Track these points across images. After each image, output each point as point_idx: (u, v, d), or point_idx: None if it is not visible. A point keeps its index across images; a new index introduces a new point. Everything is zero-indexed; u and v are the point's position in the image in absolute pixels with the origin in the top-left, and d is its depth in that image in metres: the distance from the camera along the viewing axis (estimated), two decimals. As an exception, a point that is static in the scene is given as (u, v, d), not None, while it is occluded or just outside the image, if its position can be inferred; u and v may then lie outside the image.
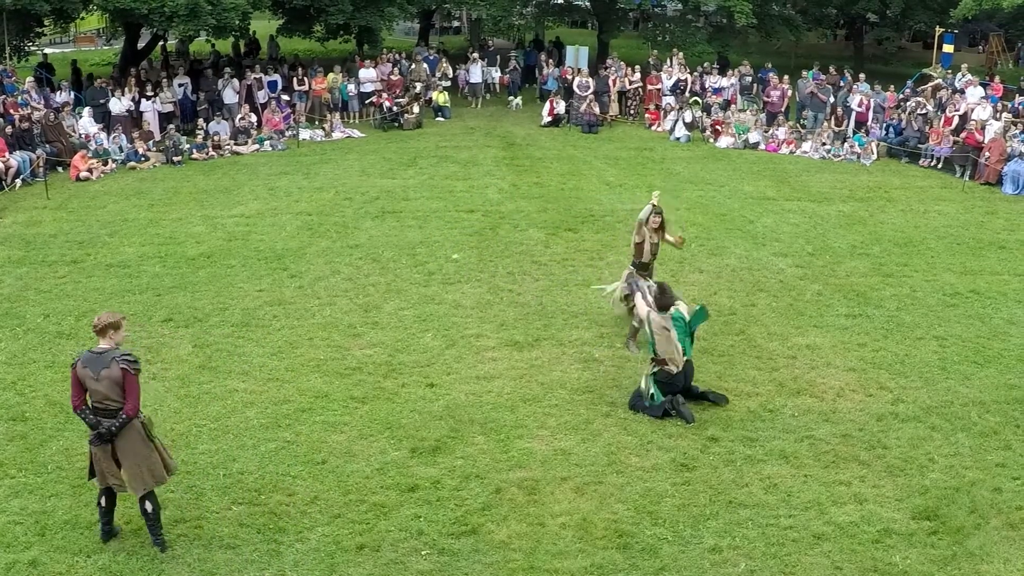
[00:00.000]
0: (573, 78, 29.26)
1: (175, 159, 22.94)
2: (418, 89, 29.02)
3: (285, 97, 27.35)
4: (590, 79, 28.89)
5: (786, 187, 21.44)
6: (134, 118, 24.80)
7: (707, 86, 29.18)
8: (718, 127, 26.64)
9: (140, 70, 28.24)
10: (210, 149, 23.87)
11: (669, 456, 9.72)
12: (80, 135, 23.13)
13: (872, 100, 26.41)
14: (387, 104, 28.00)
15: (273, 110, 26.23)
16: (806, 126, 26.93)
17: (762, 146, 25.77)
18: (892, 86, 27.45)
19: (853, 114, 26.41)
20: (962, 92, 26.11)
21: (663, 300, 10.82)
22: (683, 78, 29.18)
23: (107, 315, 7.99)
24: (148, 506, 8.06)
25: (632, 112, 29.67)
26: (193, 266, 15.34)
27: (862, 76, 28.35)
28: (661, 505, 8.87)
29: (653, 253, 12.71)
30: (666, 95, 28.93)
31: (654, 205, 12.55)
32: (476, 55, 31.84)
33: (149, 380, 11.25)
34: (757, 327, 13.13)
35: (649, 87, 29.57)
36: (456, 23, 52.10)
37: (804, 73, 28.63)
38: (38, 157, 21.09)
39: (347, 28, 30.79)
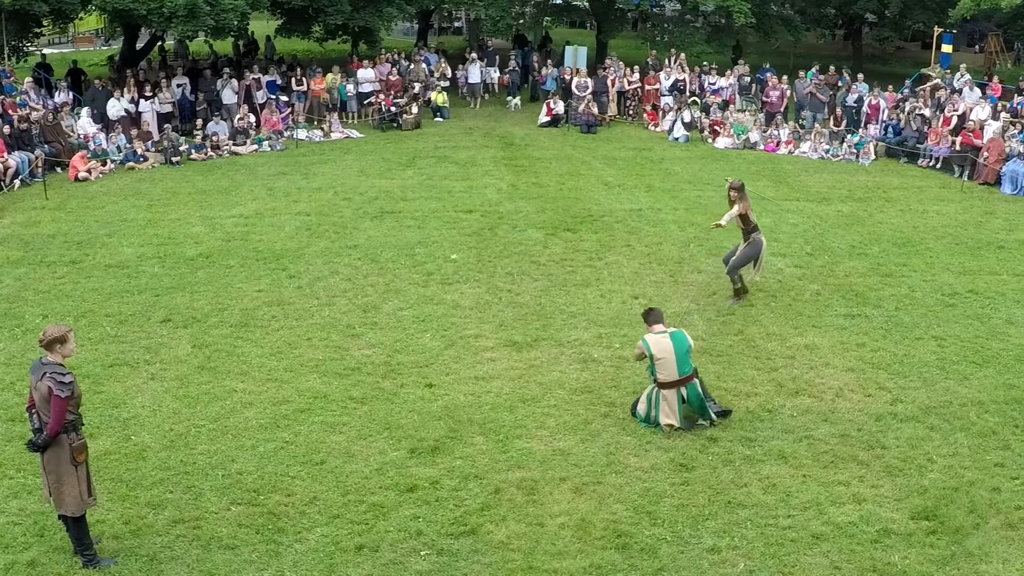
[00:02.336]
0: (571, 78, 29.27)
1: (174, 159, 22.94)
2: (417, 89, 29.04)
3: (284, 97, 27.35)
4: (588, 79, 28.90)
5: (785, 187, 21.45)
6: (132, 119, 24.80)
7: (705, 86, 29.21)
8: (717, 127, 26.65)
9: (139, 70, 28.24)
10: (209, 149, 23.87)
11: (668, 456, 9.73)
12: (79, 135, 23.13)
13: (879, 99, 26.40)
14: (386, 104, 28.00)
15: (272, 110, 26.23)
16: (804, 126, 26.95)
17: (760, 146, 25.78)
18: (891, 86, 27.47)
19: (864, 113, 26.41)
20: (960, 92, 26.15)
21: (651, 317, 10.56)
22: (681, 78, 29.19)
23: (52, 328, 7.75)
24: (69, 527, 7.91)
25: (631, 112, 29.68)
26: (192, 266, 15.34)
27: (860, 76, 28.39)
28: (660, 505, 8.87)
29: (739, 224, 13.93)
30: (664, 95, 28.95)
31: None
32: (475, 55, 31.85)
33: (148, 380, 11.28)
34: (756, 327, 13.14)
35: (647, 87, 29.59)
36: (457, 23, 52.11)
37: (801, 73, 28.63)
38: (37, 157, 21.09)
39: (346, 28, 30.79)
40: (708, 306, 13.87)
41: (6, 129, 21.32)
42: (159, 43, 33.83)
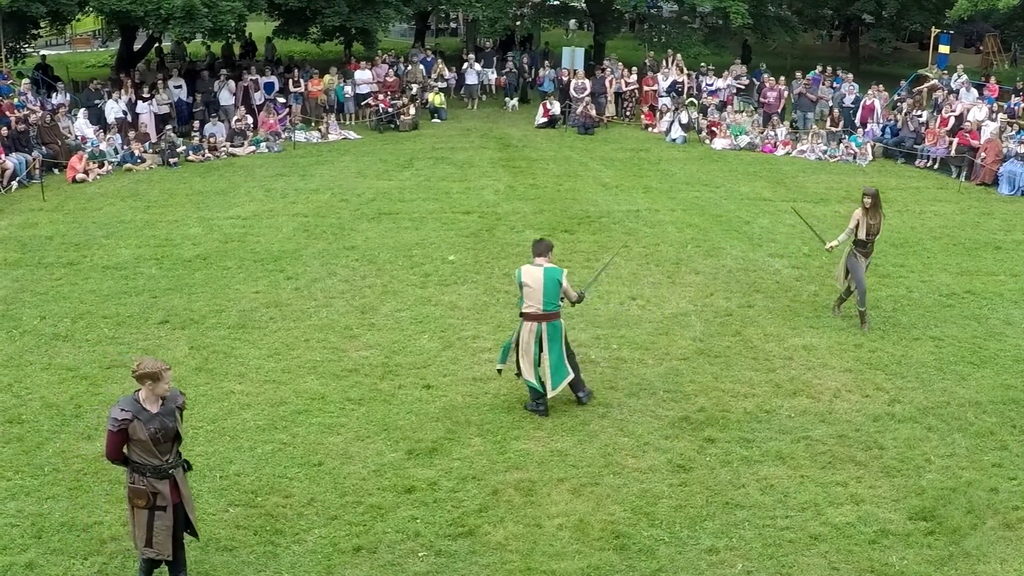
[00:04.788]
0: (569, 80, 29.29)
1: (171, 161, 22.93)
2: (414, 90, 29.04)
3: (281, 99, 27.35)
4: (586, 80, 28.91)
5: (782, 188, 21.46)
6: (129, 121, 24.77)
7: (703, 87, 29.23)
8: (714, 128, 26.67)
9: (136, 72, 28.21)
10: (206, 151, 23.87)
11: (665, 457, 9.73)
12: (76, 137, 23.12)
13: (874, 100, 26.44)
14: (383, 106, 28.00)
15: (269, 112, 26.22)
16: (797, 127, 27.00)
17: (758, 146, 25.79)
18: (881, 86, 27.51)
19: (860, 112, 26.47)
20: (957, 93, 26.18)
21: (536, 248, 10.79)
22: (680, 80, 29.22)
23: (148, 363, 7.08)
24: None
25: (628, 114, 29.69)
26: (189, 268, 15.33)
27: (850, 76, 28.50)
28: (658, 506, 8.87)
29: (868, 232, 12.92)
30: (662, 96, 28.96)
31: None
32: (472, 56, 31.86)
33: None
34: (753, 328, 13.14)
35: (645, 88, 29.61)
36: (453, 24, 52.14)
37: (797, 74, 28.68)
38: (34, 159, 21.08)
39: (343, 30, 30.79)
40: (706, 307, 13.87)
41: (3, 130, 21.29)
42: (156, 44, 33.82)
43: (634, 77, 29.77)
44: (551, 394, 10.50)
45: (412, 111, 27.93)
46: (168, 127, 24.69)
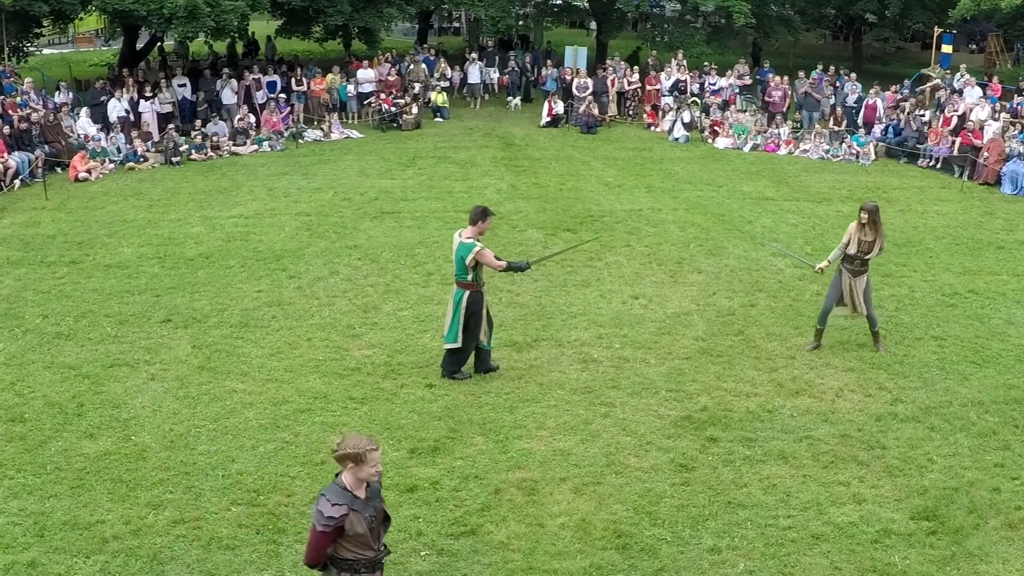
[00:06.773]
0: (572, 79, 29.29)
1: (174, 160, 22.95)
2: (416, 90, 29.06)
3: (283, 97, 27.37)
4: (588, 80, 28.91)
5: (785, 187, 21.45)
6: (131, 120, 24.79)
7: (705, 86, 29.24)
8: (716, 128, 26.67)
9: (139, 71, 28.24)
10: (209, 150, 23.88)
11: (668, 457, 9.72)
12: (79, 136, 23.14)
13: (876, 100, 26.45)
14: (386, 105, 28.01)
15: (272, 111, 26.23)
16: (801, 126, 26.99)
17: (761, 146, 25.79)
18: (893, 87, 27.50)
19: (863, 112, 26.48)
20: (960, 92, 26.17)
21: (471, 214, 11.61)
22: (683, 79, 29.23)
23: (353, 440, 6.05)
24: None
25: (631, 113, 29.70)
26: (192, 267, 15.34)
27: (853, 76, 28.49)
28: (660, 506, 8.87)
29: (860, 248, 12.00)
30: (664, 96, 28.97)
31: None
32: (474, 55, 31.87)
33: (148, 381, 11.27)
34: (756, 327, 13.13)
35: (648, 87, 29.62)
36: (456, 24, 52.15)
37: (800, 73, 28.69)
38: (37, 158, 21.09)
39: (346, 29, 30.81)
40: (708, 306, 13.87)
41: (6, 129, 21.33)
42: (159, 43, 33.84)
43: (636, 76, 29.78)
44: (445, 346, 11.36)
45: (415, 110, 27.95)
46: (171, 126, 24.71)
